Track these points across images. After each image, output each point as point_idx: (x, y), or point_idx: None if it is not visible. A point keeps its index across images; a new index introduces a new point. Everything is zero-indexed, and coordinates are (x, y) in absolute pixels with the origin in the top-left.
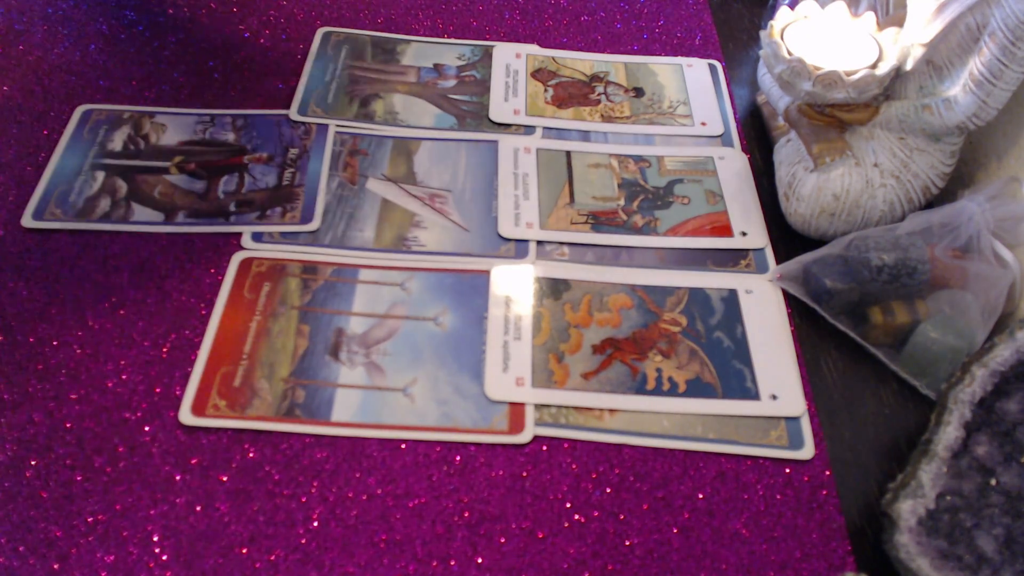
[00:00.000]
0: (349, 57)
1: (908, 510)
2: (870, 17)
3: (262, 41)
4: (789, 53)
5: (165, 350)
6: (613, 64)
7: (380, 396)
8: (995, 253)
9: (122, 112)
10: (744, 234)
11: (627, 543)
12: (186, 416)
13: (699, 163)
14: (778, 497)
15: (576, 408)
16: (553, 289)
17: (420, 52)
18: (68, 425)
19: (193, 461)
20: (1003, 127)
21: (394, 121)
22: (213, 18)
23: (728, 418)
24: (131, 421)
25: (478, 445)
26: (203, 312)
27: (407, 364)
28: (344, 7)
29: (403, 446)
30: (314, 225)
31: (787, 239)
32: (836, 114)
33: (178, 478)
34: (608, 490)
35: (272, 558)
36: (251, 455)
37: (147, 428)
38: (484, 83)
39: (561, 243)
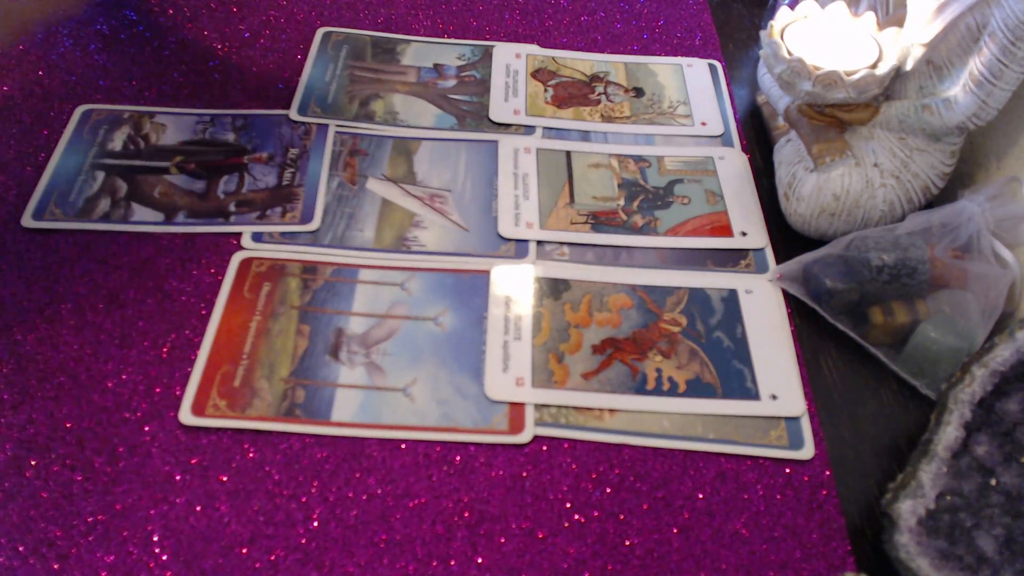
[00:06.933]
0: (349, 57)
1: (908, 510)
2: (870, 17)
3: (262, 41)
4: (789, 53)
5: (165, 350)
6: (613, 64)
7: (380, 396)
8: (995, 253)
9: (122, 112)
10: (744, 234)
11: (627, 543)
12: (186, 416)
13: (699, 163)
14: (778, 497)
15: (576, 408)
16: (553, 289)
17: (420, 52)
18: (68, 425)
19: (193, 461)
20: (1003, 127)
21: (394, 121)
22: (213, 18)
23: (728, 418)
24: (131, 421)
25: (478, 445)
26: (203, 312)
27: (407, 364)
28: (344, 7)
29: (403, 446)
30: (314, 225)
31: (787, 239)
32: (836, 114)
33: (178, 478)
34: (608, 490)
35: (272, 558)
36: (251, 455)
37: (147, 428)
38: (484, 83)
39: (561, 243)
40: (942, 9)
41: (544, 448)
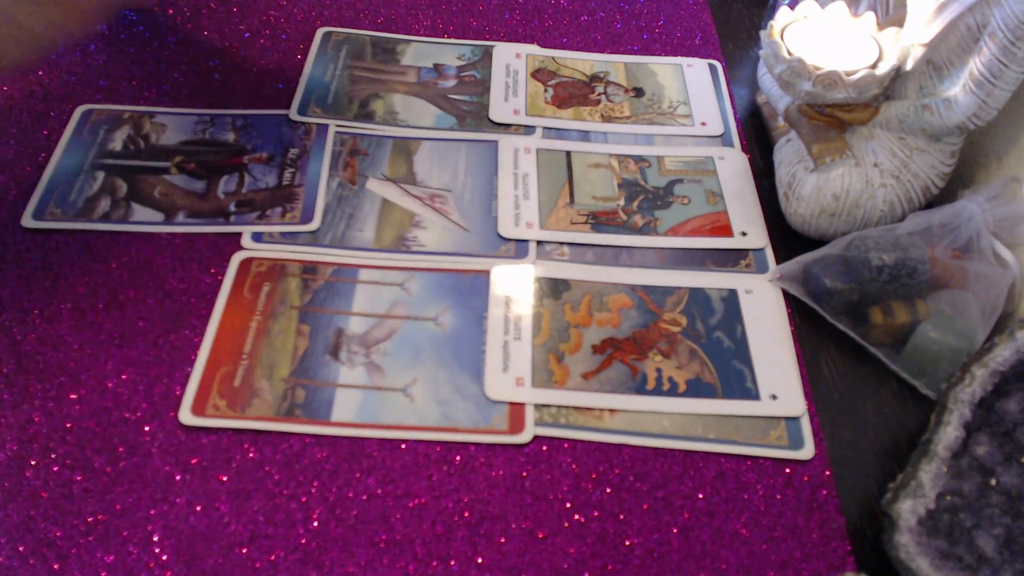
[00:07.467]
0: (349, 57)
1: (908, 510)
2: (870, 17)
3: (262, 41)
4: (789, 53)
5: (165, 350)
6: (613, 64)
7: (380, 396)
8: (995, 253)
9: (122, 112)
10: (744, 234)
11: (627, 543)
12: (186, 416)
13: (699, 163)
14: (778, 497)
15: (576, 408)
16: (553, 289)
17: (420, 52)
18: (68, 425)
19: (193, 461)
20: (1003, 127)
21: (394, 121)
22: (213, 18)
23: (728, 418)
24: (131, 421)
25: (478, 445)
26: (203, 312)
27: (407, 364)
28: (344, 7)
29: (403, 446)
30: (314, 225)
31: (787, 239)
32: (836, 114)
33: (178, 478)
34: (608, 490)
35: (272, 558)
36: (251, 455)
37: (147, 428)
38: (484, 83)
39: (561, 243)
40: (942, 9)
41: (544, 448)
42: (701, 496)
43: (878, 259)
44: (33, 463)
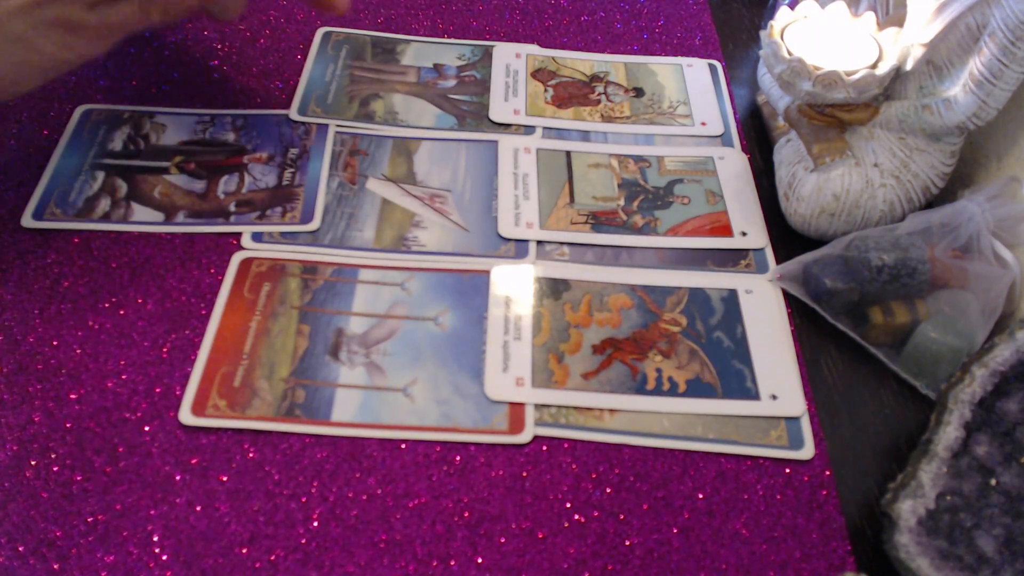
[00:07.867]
0: (349, 57)
1: (908, 510)
2: (870, 17)
3: (262, 41)
4: (789, 53)
5: (165, 350)
6: (613, 64)
7: (380, 396)
8: (995, 253)
9: (122, 112)
10: (744, 234)
11: (627, 543)
12: (186, 416)
13: (699, 163)
14: (778, 497)
15: (576, 408)
16: (553, 289)
17: (420, 52)
18: (68, 425)
19: (193, 461)
20: (1003, 127)
21: (394, 121)
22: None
23: (728, 418)
24: (131, 421)
25: (478, 445)
26: (203, 312)
27: (407, 364)
28: None
29: (403, 446)
30: (314, 225)
31: (787, 239)
32: (836, 114)
33: (178, 478)
34: (608, 490)
35: (272, 558)
36: (251, 455)
37: (147, 428)
38: (484, 83)
39: (561, 243)
40: (942, 9)
41: (544, 448)
42: (701, 496)
43: (878, 259)
44: (33, 463)
